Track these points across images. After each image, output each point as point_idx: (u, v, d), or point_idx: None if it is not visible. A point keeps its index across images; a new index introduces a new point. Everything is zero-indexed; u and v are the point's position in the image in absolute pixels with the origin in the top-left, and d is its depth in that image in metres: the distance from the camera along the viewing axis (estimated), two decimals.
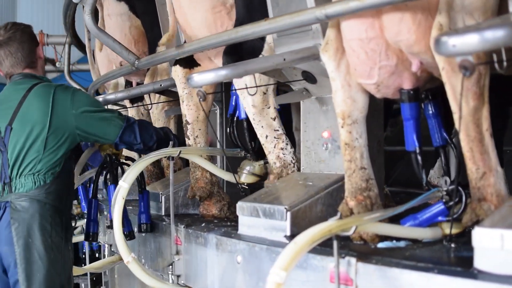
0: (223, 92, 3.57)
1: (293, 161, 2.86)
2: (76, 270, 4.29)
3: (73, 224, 4.94)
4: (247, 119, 3.04)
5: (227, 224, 2.97)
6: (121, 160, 3.82)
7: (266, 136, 2.87)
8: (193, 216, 3.38)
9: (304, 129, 2.78)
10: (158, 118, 3.96)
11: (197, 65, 3.17)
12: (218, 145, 3.54)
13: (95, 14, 4.77)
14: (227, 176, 3.23)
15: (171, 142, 3.48)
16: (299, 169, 2.83)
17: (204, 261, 2.81)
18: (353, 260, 1.98)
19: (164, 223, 3.32)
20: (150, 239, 3.41)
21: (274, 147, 2.86)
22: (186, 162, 3.64)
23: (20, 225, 3.28)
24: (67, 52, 7.00)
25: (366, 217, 2.03)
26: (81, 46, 7.23)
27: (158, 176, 4.36)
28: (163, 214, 3.49)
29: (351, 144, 2.24)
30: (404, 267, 1.86)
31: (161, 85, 3.44)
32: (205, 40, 2.80)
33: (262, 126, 2.86)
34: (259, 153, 3.21)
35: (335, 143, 2.62)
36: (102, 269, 4.56)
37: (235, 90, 2.87)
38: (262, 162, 3.19)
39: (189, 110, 3.16)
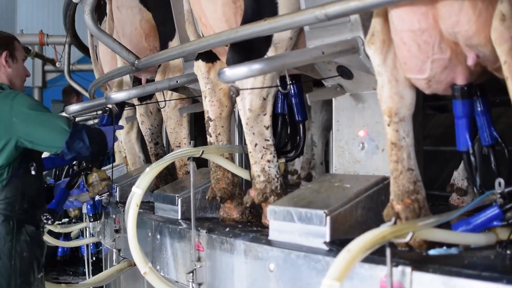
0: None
1: (277, 176, 2.72)
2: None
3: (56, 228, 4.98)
4: (283, 114, 2.92)
5: (253, 229, 2.84)
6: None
7: (256, 144, 2.72)
8: (212, 220, 3.25)
9: (337, 128, 2.66)
10: (170, 116, 3.81)
11: (220, 58, 3.04)
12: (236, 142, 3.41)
13: (99, 9, 4.69)
14: (247, 175, 3.09)
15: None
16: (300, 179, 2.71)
17: (230, 269, 2.68)
18: (407, 269, 1.86)
19: (180, 227, 3.19)
20: (166, 245, 3.27)
21: (261, 158, 2.71)
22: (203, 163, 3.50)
23: None
24: (67, 52, 7.07)
25: (421, 223, 1.90)
26: (81, 46, 7.34)
27: (168, 179, 4.23)
28: (179, 218, 3.35)
29: (398, 144, 2.12)
30: (467, 277, 1.74)
31: (177, 81, 3.30)
32: (205, 40, 2.84)
33: (253, 133, 2.72)
34: (281, 150, 3.09)
35: (372, 142, 2.50)
36: (109, 279, 4.39)
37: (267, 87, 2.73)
38: (283, 159, 3.06)
39: (212, 106, 3.03)
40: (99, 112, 5.60)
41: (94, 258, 6.63)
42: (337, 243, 2.25)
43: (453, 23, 1.89)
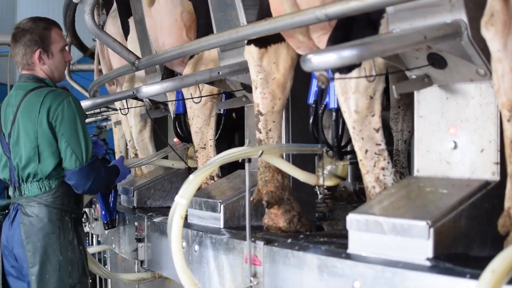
0: None
1: None
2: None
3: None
4: (338, 109, 2.66)
5: (320, 240, 2.57)
6: None
7: (366, 151, 2.44)
8: (256, 228, 2.96)
9: (420, 124, 2.40)
10: (197, 115, 3.52)
11: (275, 42, 2.75)
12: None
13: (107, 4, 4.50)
14: (304, 177, 2.82)
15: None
16: None
17: (297, 287, 2.41)
18: None
19: (224, 236, 2.90)
20: (208, 257, 2.99)
21: (374, 165, 2.43)
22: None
23: (28, 229, 3.53)
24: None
25: None
26: (81, 46, 7.48)
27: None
28: (221, 226, 3.07)
29: None
30: None
31: (219, 72, 3.02)
32: (205, 40, 2.90)
33: (362, 138, 2.43)
34: (344, 151, 2.83)
35: (469, 141, 2.24)
36: (132, 282, 4.10)
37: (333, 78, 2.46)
38: (347, 161, 2.80)
39: (264, 99, 2.75)
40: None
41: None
42: (442, 259, 1.99)
43: None
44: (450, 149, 2.29)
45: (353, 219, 2.23)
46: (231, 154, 2.62)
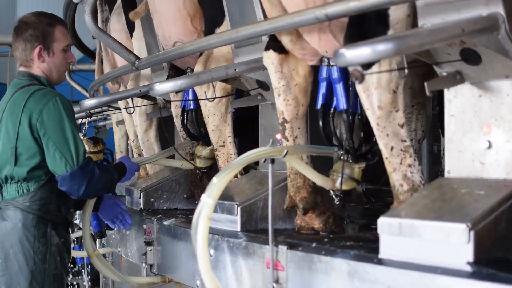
0: None
1: (422, 182, 2.38)
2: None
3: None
4: (347, 110, 2.60)
5: (346, 244, 2.50)
6: None
7: (392, 148, 2.36)
8: (277, 231, 2.88)
9: (451, 124, 2.32)
10: (213, 112, 3.45)
11: None
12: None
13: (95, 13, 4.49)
14: (320, 181, 2.74)
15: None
16: None
17: None
18: None
19: (242, 240, 2.83)
20: (225, 262, 2.91)
21: (401, 163, 2.36)
22: None
23: (1, 235, 3.37)
24: None
25: None
26: (81, 46, 7.49)
27: (204, 184, 3.88)
28: (238, 230, 2.99)
29: None
30: None
31: (235, 69, 2.94)
32: (205, 40, 2.94)
33: (387, 135, 2.36)
34: (360, 153, 2.75)
35: (505, 141, 2.17)
36: (143, 286, 4.01)
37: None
38: (363, 164, 2.73)
39: (288, 105, 2.68)
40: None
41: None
42: (482, 264, 1.91)
43: None
44: (484, 149, 2.22)
45: (384, 223, 2.15)
46: (255, 154, 2.53)
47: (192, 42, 3.21)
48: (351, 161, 2.68)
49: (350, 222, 3.24)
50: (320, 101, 2.74)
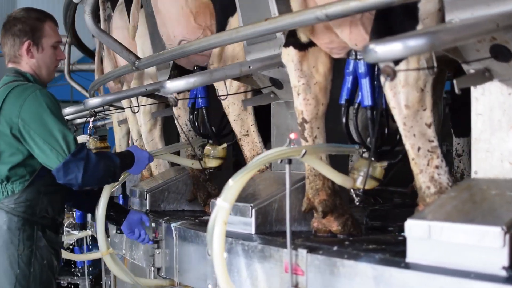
0: None
1: (450, 185, 2.32)
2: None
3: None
4: (372, 106, 2.54)
5: (368, 247, 2.43)
6: None
7: (419, 148, 2.31)
8: (293, 233, 2.81)
9: (479, 123, 2.26)
10: (232, 102, 3.37)
11: (312, 44, 2.63)
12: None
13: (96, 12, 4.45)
14: (340, 180, 2.67)
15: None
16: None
17: None
18: None
19: (258, 243, 2.76)
20: (239, 266, 2.84)
21: (428, 164, 2.30)
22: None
23: None
24: (67, 52, 6.87)
25: None
26: (81, 46, 7.46)
27: (207, 186, 3.83)
28: (253, 232, 2.92)
29: None
30: None
31: (250, 66, 2.87)
32: (205, 40, 2.96)
33: (414, 135, 2.30)
34: (381, 151, 2.69)
35: None
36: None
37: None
38: (385, 163, 2.66)
39: (307, 105, 2.62)
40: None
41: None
42: None
43: None
44: None
45: (412, 225, 2.09)
46: (272, 154, 2.45)
47: (192, 42, 3.17)
48: (372, 159, 2.62)
49: (366, 224, 3.18)
50: (344, 96, 2.68)
